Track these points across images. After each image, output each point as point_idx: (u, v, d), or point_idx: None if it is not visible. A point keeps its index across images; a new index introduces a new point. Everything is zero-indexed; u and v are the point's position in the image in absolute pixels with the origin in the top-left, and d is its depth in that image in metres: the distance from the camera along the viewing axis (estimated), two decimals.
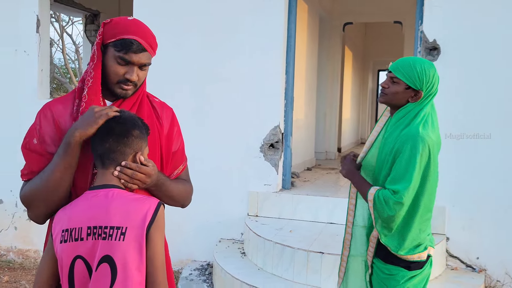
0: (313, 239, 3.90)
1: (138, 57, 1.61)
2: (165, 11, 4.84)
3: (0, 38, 5.21)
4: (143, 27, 1.66)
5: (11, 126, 5.16)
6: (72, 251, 1.48)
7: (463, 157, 4.06)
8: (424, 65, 2.12)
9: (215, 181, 4.68)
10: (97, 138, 1.55)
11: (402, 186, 2.01)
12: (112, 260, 1.44)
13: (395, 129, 2.14)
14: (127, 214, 1.47)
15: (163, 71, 4.80)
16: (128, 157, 1.56)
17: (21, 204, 5.15)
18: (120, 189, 1.55)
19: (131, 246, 1.45)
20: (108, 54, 1.62)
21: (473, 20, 4.05)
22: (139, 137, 1.57)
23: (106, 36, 1.63)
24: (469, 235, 4.06)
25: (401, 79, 2.13)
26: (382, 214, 2.05)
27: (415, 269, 2.13)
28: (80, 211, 1.50)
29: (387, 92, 2.18)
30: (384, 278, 2.16)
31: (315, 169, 6.74)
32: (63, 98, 1.71)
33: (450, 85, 4.00)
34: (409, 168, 2.01)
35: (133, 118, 1.58)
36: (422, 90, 2.12)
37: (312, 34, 6.85)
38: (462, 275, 3.91)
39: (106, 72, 1.64)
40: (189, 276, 4.34)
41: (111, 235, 1.45)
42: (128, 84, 1.63)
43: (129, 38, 1.60)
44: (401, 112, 2.16)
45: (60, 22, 16.83)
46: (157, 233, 1.49)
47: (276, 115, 4.60)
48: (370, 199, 2.09)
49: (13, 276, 4.74)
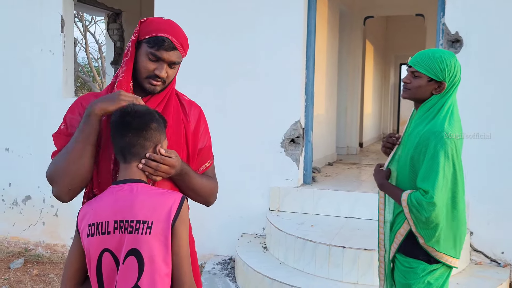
0: (335, 234, 3.91)
1: (169, 55, 1.67)
2: (186, 9, 4.89)
3: (26, 38, 5.35)
4: (176, 27, 1.72)
5: (37, 124, 5.30)
6: (99, 245, 1.52)
7: (487, 151, 4.00)
8: (444, 55, 2.10)
9: (237, 176, 4.72)
10: (116, 133, 1.58)
11: (430, 185, 1.98)
12: (139, 253, 1.48)
13: (420, 123, 2.11)
14: (153, 208, 1.51)
15: (185, 69, 4.85)
16: (148, 150, 1.59)
17: (49, 200, 5.30)
18: (144, 183, 1.58)
19: (157, 240, 1.49)
20: (141, 50, 1.68)
21: (497, 12, 3.98)
22: (157, 130, 1.59)
23: (141, 33, 1.69)
24: (493, 230, 4.01)
25: (422, 73, 2.10)
26: (419, 217, 2.01)
27: (436, 263, 2.11)
28: (106, 205, 1.54)
29: (409, 87, 2.16)
30: (404, 271, 2.15)
31: (336, 164, 6.73)
32: (96, 93, 1.78)
33: (473, 77, 3.95)
34: (433, 166, 1.99)
35: (150, 111, 1.60)
36: (445, 80, 2.09)
37: (333, 28, 6.82)
38: (486, 269, 3.87)
39: (137, 67, 1.69)
40: (212, 270, 4.40)
41: (137, 229, 1.48)
42: (157, 80, 1.68)
43: (162, 35, 1.66)
44: (426, 105, 2.13)
45: (83, 22, 17.11)
46: (182, 226, 1.54)
47: (296, 110, 4.61)
48: (404, 205, 2.05)
49: (42, 269, 4.88)
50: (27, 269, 4.87)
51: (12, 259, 5.11)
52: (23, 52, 5.36)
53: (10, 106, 5.44)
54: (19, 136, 5.40)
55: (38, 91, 5.34)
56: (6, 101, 5.45)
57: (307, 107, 4.73)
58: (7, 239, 5.48)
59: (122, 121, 1.57)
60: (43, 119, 5.29)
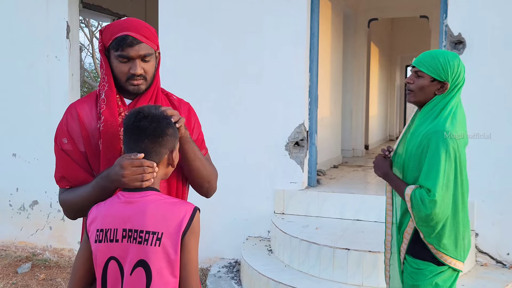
0: (339, 236, 3.91)
1: (135, 50, 1.65)
2: (190, 14, 4.92)
3: (32, 44, 5.40)
4: (135, 22, 1.69)
5: (44, 130, 5.35)
6: (106, 252, 1.49)
7: (492, 151, 3.99)
8: (448, 56, 2.11)
9: (241, 179, 4.74)
10: (131, 138, 1.53)
11: (432, 183, 2.00)
12: (147, 265, 1.44)
13: (423, 123, 2.12)
14: (164, 219, 1.46)
15: (189, 73, 4.89)
16: (164, 156, 1.54)
17: (55, 205, 5.34)
18: (156, 191, 1.54)
19: (167, 252, 1.45)
20: (111, 57, 1.68)
21: (500, 13, 3.98)
22: (173, 135, 1.55)
23: (105, 41, 1.69)
24: (499, 231, 3.99)
25: (425, 72, 2.12)
26: (420, 213, 2.03)
27: (444, 265, 2.11)
28: (116, 211, 1.50)
29: (412, 88, 2.17)
30: (412, 272, 2.15)
31: (341, 166, 6.72)
32: (87, 99, 1.77)
33: (476, 78, 3.95)
34: (434, 164, 2.00)
35: (166, 116, 1.55)
36: (448, 81, 2.10)
37: (337, 31, 6.83)
38: (492, 271, 3.85)
39: (114, 74, 1.69)
40: (217, 273, 4.41)
41: (146, 240, 1.44)
42: (136, 78, 1.67)
43: (121, 35, 1.65)
44: (429, 105, 2.14)
45: (89, 27, 17.23)
46: (192, 238, 1.48)
47: (300, 113, 4.63)
48: (408, 199, 2.06)
49: (49, 274, 4.92)
50: (35, 274, 4.91)
51: (19, 264, 5.16)
52: (29, 58, 5.42)
53: (17, 112, 5.50)
54: (26, 141, 5.46)
55: (44, 97, 5.39)
56: (13, 107, 5.51)
57: (311, 110, 4.74)
58: (15, 243, 5.53)
59: (138, 126, 1.51)
60: (49, 124, 5.33)
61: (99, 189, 1.60)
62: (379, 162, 2.30)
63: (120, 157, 1.55)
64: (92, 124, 1.70)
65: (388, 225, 2.32)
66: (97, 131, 1.69)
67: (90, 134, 1.69)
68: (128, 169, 1.50)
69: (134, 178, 1.50)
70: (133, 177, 1.50)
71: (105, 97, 1.68)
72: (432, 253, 2.09)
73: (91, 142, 1.69)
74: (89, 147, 1.69)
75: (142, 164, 1.50)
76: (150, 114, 1.53)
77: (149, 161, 1.52)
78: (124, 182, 1.51)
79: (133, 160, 1.50)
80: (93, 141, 1.69)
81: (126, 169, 1.50)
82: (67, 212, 1.75)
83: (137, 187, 1.52)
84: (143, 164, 1.50)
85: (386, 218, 2.33)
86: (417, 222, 2.07)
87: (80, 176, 1.70)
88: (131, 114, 1.55)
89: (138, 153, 1.52)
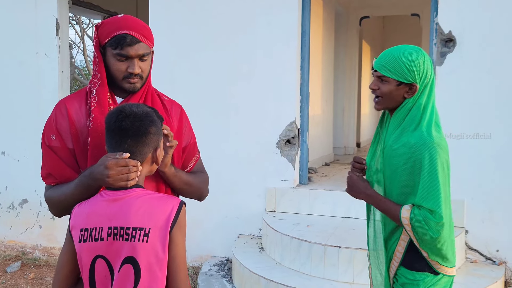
0: (330, 234, 3.92)
1: (134, 50, 1.65)
2: (181, 11, 4.90)
3: (21, 41, 5.35)
4: (133, 20, 1.69)
5: (33, 128, 5.30)
6: (92, 251, 1.47)
7: (481, 149, 4.01)
8: (411, 55, 1.90)
9: (233, 177, 4.73)
10: (112, 138, 1.51)
11: (435, 204, 1.83)
12: (136, 262, 1.43)
13: (402, 133, 1.92)
14: (150, 215, 1.45)
15: (181, 71, 4.87)
16: (147, 155, 1.53)
17: (45, 203, 5.28)
18: (140, 187, 1.53)
19: (155, 247, 1.44)
20: (107, 54, 1.67)
21: (490, 11, 3.99)
22: (156, 133, 1.53)
23: (101, 37, 1.67)
24: (488, 228, 4.02)
25: (389, 77, 1.91)
26: (425, 237, 1.86)
27: (439, 273, 1.98)
28: (100, 210, 1.49)
29: (379, 94, 1.96)
30: (406, 284, 1.99)
31: (333, 164, 6.73)
32: (77, 95, 1.75)
33: (465, 76, 3.96)
34: (433, 183, 1.84)
35: (148, 113, 1.52)
36: (416, 82, 1.90)
37: (328, 29, 6.83)
38: (482, 267, 3.88)
39: (110, 72, 1.68)
40: (208, 272, 4.40)
41: (133, 236, 1.43)
42: (133, 77, 1.67)
43: (121, 33, 1.63)
44: (401, 111, 1.94)
45: (80, 25, 17.10)
46: (180, 233, 1.49)
47: (291, 110, 4.62)
48: (406, 223, 1.87)
49: (39, 273, 4.88)
50: (24, 273, 4.87)
51: (8, 263, 5.11)
52: (19, 55, 5.36)
53: (6, 109, 5.44)
54: (15, 139, 5.40)
55: (34, 94, 5.34)
56: (2, 105, 5.45)
57: (302, 108, 4.74)
58: (4, 242, 5.48)
59: (120, 126, 1.49)
60: (38, 122, 5.28)
61: (82, 187, 1.59)
62: (356, 183, 2.07)
63: (104, 156, 1.53)
64: (82, 121, 1.68)
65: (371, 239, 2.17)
66: (86, 128, 1.67)
67: (79, 131, 1.68)
68: (113, 169, 1.49)
69: (119, 178, 1.49)
70: (118, 177, 1.49)
71: (96, 94, 1.66)
72: (431, 265, 1.96)
73: (79, 139, 1.68)
74: (77, 144, 1.68)
75: (127, 164, 1.49)
76: (132, 113, 1.50)
77: (134, 161, 1.50)
78: (109, 182, 1.50)
79: (118, 160, 1.49)
80: (81, 138, 1.68)
81: (111, 169, 1.48)
82: (52, 210, 1.74)
83: (122, 186, 1.51)
84: (128, 164, 1.49)
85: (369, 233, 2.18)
86: (420, 244, 1.91)
87: (66, 173, 1.69)
88: (113, 113, 1.53)
89: (123, 153, 1.50)
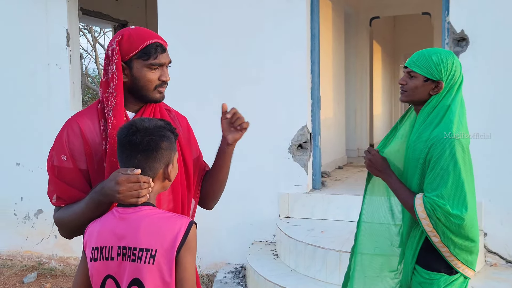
0: (345, 239, 3.86)
1: (165, 57, 1.67)
2: (190, 18, 4.89)
3: (33, 53, 5.40)
4: (152, 31, 1.71)
5: (46, 138, 5.33)
6: (102, 270, 1.44)
7: (499, 151, 3.93)
8: (441, 54, 2.02)
9: (245, 183, 4.70)
10: (123, 152, 1.47)
11: (462, 205, 1.90)
12: (142, 284, 1.39)
13: (425, 129, 2.01)
14: (157, 235, 1.40)
15: (191, 77, 4.86)
16: (158, 171, 1.48)
17: None
18: (151, 205, 1.48)
19: (161, 270, 1.39)
20: (135, 67, 1.63)
21: (502, 9, 3.91)
22: (168, 149, 1.48)
23: (126, 52, 1.62)
24: (508, 230, 3.93)
25: (418, 72, 2.03)
26: (449, 226, 1.92)
27: (456, 273, 2.02)
28: (110, 228, 1.45)
29: (406, 89, 2.09)
30: (422, 282, 2.05)
31: (346, 167, 6.67)
32: (88, 112, 1.68)
33: (480, 76, 3.89)
34: (446, 174, 1.90)
35: (159, 127, 1.48)
36: (442, 79, 2.01)
37: (338, 31, 6.78)
38: (502, 271, 3.79)
39: (139, 84, 1.64)
40: (223, 279, 4.37)
41: (140, 258, 1.39)
42: (163, 86, 1.69)
43: (151, 42, 1.63)
44: (427, 107, 2.04)
45: (92, 33, 17.28)
46: (188, 254, 1.41)
47: (302, 115, 4.58)
48: (421, 210, 1.94)
49: (55, 283, 4.90)
50: (41, 283, 4.90)
51: (25, 273, 5.14)
52: (30, 66, 5.41)
53: (19, 121, 5.49)
54: (29, 150, 5.45)
55: (46, 105, 5.38)
56: (15, 116, 5.50)
57: (313, 112, 4.69)
58: (21, 253, 5.52)
59: (130, 141, 1.44)
60: (51, 132, 5.30)
61: (93, 203, 1.54)
62: (379, 161, 2.16)
63: (116, 171, 1.49)
64: (96, 140, 1.62)
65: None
66: (100, 147, 1.62)
67: (93, 151, 1.61)
68: (123, 185, 1.44)
69: (130, 195, 1.45)
70: (128, 194, 1.45)
71: (112, 115, 1.59)
72: (444, 257, 1.99)
73: (93, 159, 1.61)
74: (91, 165, 1.62)
75: (138, 180, 1.45)
76: (143, 127, 1.46)
77: (145, 177, 1.46)
78: (119, 198, 1.46)
79: (129, 176, 1.45)
80: (95, 158, 1.61)
81: (122, 185, 1.44)
82: (62, 231, 1.68)
83: (132, 203, 1.47)
84: (139, 180, 1.45)
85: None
86: (441, 236, 1.96)
87: (75, 195, 1.63)
88: (124, 127, 1.49)
89: (135, 169, 1.46)
